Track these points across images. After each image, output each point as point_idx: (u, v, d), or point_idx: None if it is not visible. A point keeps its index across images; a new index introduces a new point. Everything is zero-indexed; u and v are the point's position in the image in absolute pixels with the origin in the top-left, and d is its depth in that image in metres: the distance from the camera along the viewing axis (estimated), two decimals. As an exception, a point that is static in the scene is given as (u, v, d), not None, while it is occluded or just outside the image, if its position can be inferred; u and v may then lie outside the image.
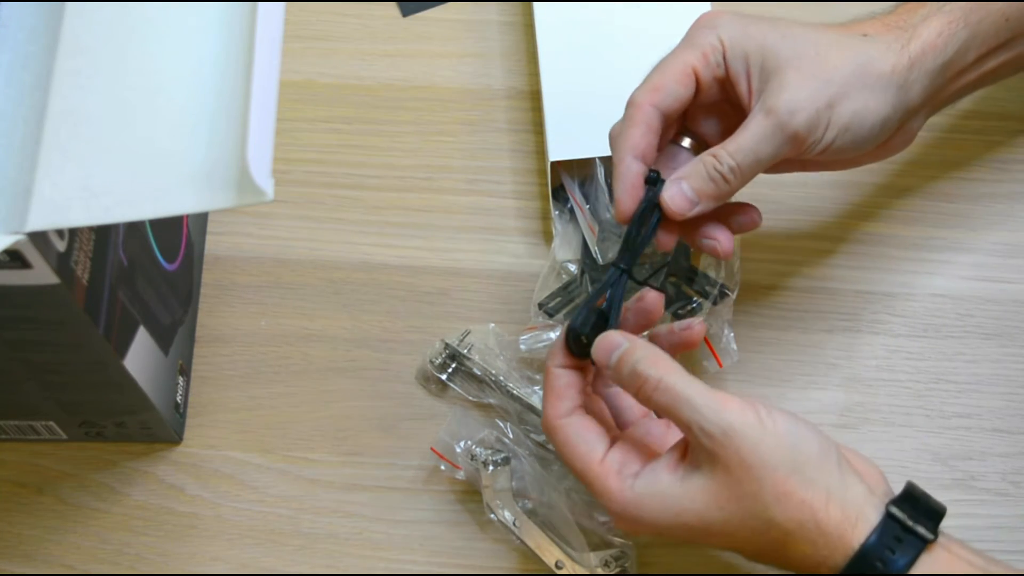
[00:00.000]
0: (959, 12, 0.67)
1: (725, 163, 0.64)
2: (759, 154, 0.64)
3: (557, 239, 0.80)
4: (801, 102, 0.63)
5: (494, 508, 0.73)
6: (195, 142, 0.52)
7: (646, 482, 0.61)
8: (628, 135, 0.65)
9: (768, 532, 0.58)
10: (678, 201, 0.65)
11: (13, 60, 0.55)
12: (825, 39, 0.65)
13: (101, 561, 0.74)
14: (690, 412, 0.59)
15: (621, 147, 0.65)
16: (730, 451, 0.58)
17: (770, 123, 0.63)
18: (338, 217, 0.83)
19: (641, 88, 0.66)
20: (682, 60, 0.65)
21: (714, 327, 0.76)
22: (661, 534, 0.61)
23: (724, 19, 0.66)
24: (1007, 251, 0.81)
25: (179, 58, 0.54)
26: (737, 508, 0.58)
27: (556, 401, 0.64)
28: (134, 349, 0.67)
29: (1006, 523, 0.74)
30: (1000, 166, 0.84)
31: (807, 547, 0.58)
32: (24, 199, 0.52)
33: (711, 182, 0.64)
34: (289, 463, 0.76)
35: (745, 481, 0.58)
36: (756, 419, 0.59)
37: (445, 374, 0.77)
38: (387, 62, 0.88)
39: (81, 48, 0.55)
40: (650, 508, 0.60)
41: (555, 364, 0.65)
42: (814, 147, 0.65)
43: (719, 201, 0.66)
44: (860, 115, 0.65)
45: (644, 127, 0.65)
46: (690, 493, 0.59)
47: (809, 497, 0.58)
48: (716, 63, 0.65)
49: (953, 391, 0.78)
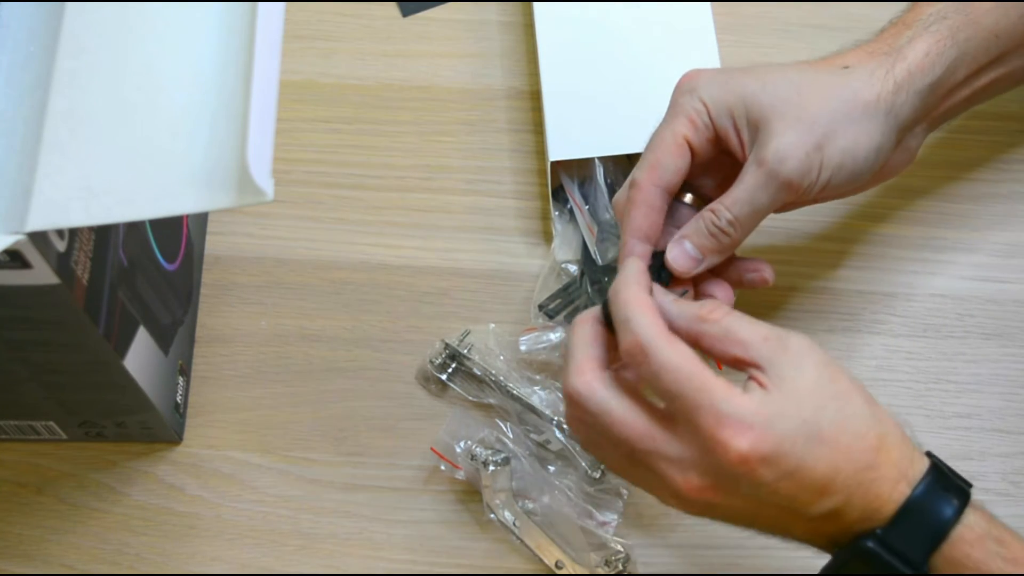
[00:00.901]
0: (946, 31, 0.67)
1: (723, 217, 0.65)
2: (756, 205, 0.65)
3: (557, 239, 0.80)
4: (789, 149, 0.64)
5: (494, 508, 0.73)
6: (195, 142, 0.52)
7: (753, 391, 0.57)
8: (632, 218, 0.66)
9: (867, 435, 0.58)
10: (682, 261, 0.66)
11: (13, 60, 0.55)
12: (805, 80, 0.66)
13: (101, 561, 0.74)
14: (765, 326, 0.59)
15: (627, 230, 0.67)
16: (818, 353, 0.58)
17: (762, 173, 0.64)
18: (338, 217, 0.83)
19: (640, 167, 0.67)
20: (672, 132, 0.66)
21: (714, 327, 0.76)
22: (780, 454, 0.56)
23: (702, 79, 0.67)
24: (1008, 251, 0.81)
25: (179, 58, 0.54)
26: (838, 406, 0.57)
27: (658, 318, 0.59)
28: (134, 349, 0.67)
29: (1006, 523, 0.74)
30: (1001, 166, 0.84)
31: (897, 452, 0.58)
32: (24, 199, 0.52)
33: (712, 237, 0.66)
34: (289, 463, 0.76)
35: (839, 380, 0.58)
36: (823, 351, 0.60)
37: (445, 374, 0.77)
38: (387, 62, 0.88)
39: (81, 48, 0.55)
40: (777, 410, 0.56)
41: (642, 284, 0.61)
42: (811, 190, 0.66)
43: (723, 255, 0.67)
44: (851, 151, 0.65)
45: (646, 208, 0.66)
46: (792, 396, 0.57)
47: (886, 414, 0.59)
48: (704, 125, 0.66)
49: (953, 391, 0.78)
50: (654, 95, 0.71)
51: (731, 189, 0.66)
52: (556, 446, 0.74)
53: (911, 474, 0.58)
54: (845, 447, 0.57)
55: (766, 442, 0.56)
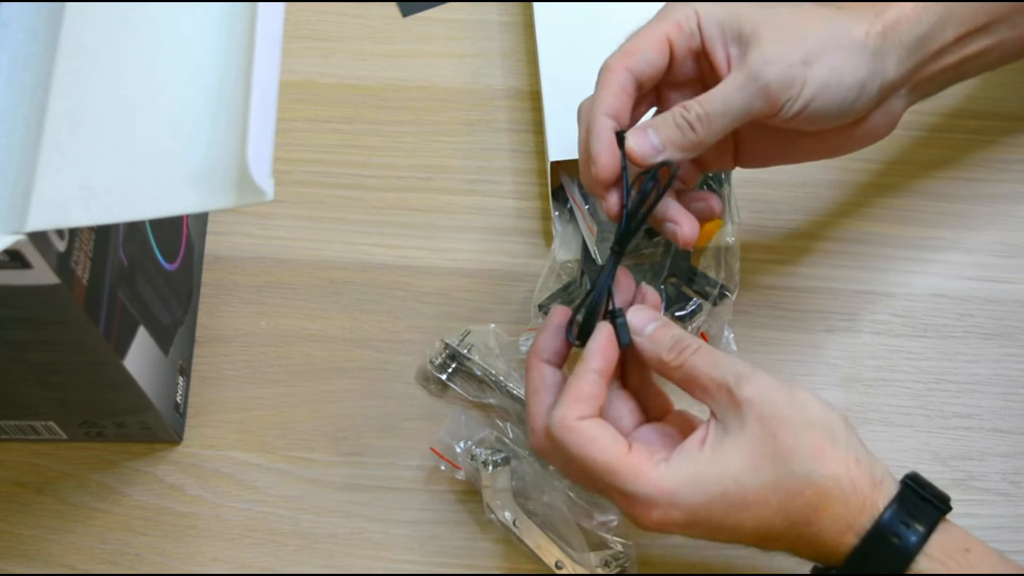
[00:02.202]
0: None
1: (693, 111, 0.63)
2: (729, 104, 0.63)
3: (557, 239, 0.80)
4: (774, 55, 0.63)
5: (494, 508, 0.73)
6: (195, 142, 0.52)
7: (679, 459, 0.59)
8: (602, 97, 0.64)
9: (803, 493, 0.58)
10: (644, 147, 0.63)
11: (13, 60, 0.55)
12: (799, 8, 0.65)
13: (101, 561, 0.74)
14: (726, 369, 0.59)
15: (595, 108, 0.64)
16: (766, 405, 0.58)
17: (742, 75, 0.63)
18: (338, 217, 0.83)
19: (614, 54, 0.65)
20: (656, 28, 0.65)
21: (714, 328, 0.76)
22: (693, 521, 0.59)
23: None
24: (1007, 251, 0.81)
25: (179, 58, 0.54)
26: (772, 466, 0.58)
27: (577, 405, 0.61)
28: (134, 349, 0.67)
29: (1006, 523, 0.74)
30: (1000, 166, 0.84)
31: (839, 507, 0.58)
32: (24, 199, 0.52)
33: (677, 129, 0.63)
34: (289, 463, 0.76)
35: (780, 436, 0.58)
36: (786, 387, 0.59)
37: (445, 374, 0.78)
38: (387, 62, 0.88)
39: (81, 48, 0.55)
40: (688, 484, 0.58)
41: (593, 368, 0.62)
42: (791, 106, 0.64)
43: (686, 152, 0.64)
44: (837, 72, 0.64)
45: (618, 88, 0.64)
46: (724, 456, 0.58)
47: (843, 455, 0.58)
48: (690, 32, 0.65)
49: (953, 391, 0.78)
50: (654, 95, 0.71)
51: (708, 91, 0.64)
52: (556, 446, 0.75)
53: (860, 523, 0.58)
54: (776, 506, 0.58)
55: (676, 514, 0.58)
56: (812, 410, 0.59)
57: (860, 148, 0.70)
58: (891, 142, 0.82)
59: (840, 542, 0.58)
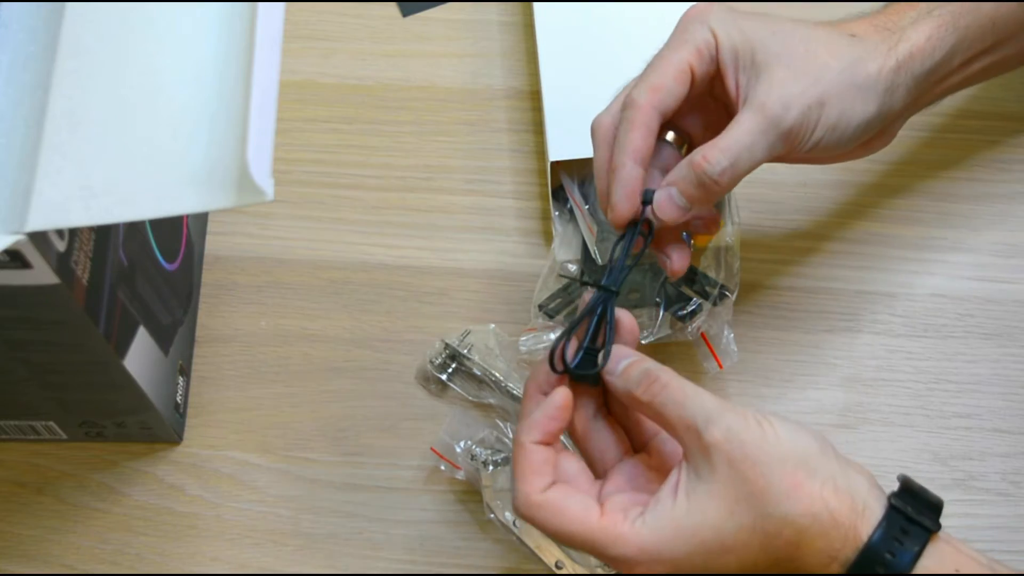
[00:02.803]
0: (948, 16, 0.67)
1: (718, 166, 0.62)
2: (753, 152, 0.63)
3: (557, 239, 0.80)
4: (793, 98, 0.63)
5: (494, 508, 0.73)
6: (195, 142, 0.52)
7: (654, 515, 0.58)
8: (631, 139, 0.63)
9: (782, 532, 0.57)
10: (668, 210, 0.64)
11: (13, 60, 0.55)
12: (814, 37, 0.65)
13: (101, 561, 0.74)
14: (695, 409, 0.58)
15: (622, 150, 0.63)
16: (734, 446, 0.57)
17: (763, 119, 0.63)
18: (338, 217, 0.83)
19: (640, 87, 0.64)
20: (678, 57, 0.64)
21: (714, 328, 0.76)
22: (678, 570, 0.58)
23: (715, 12, 0.65)
24: (1007, 251, 0.81)
25: (179, 58, 0.54)
26: (748, 509, 0.57)
27: (534, 478, 0.59)
28: (134, 349, 0.67)
29: (1006, 523, 0.74)
30: (1001, 166, 0.84)
31: (821, 542, 0.57)
32: (24, 199, 0.52)
33: (702, 187, 0.63)
34: (289, 463, 0.76)
35: (752, 478, 0.56)
36: (755, 423, 0.58)
37: (445, 374, 0.77)
38: (387, 62, 0.88)
39: (81, 48, 0.55)
40: (665, 539, 0.57)
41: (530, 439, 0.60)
42: (802, 145, 0.64)
43: (709, 205, 0.65)
44: (847, 115, 0.64)
45: (645, 130, 0.63)
46: (699, 505, 0.57)
47: (818, 488, 0.57)
48: (710, 58, 0.64)
49: (953, 391, 0.78)
50: (654, 95, 0.71)
51: (725, 134, 0.63)
52: (556, 446, 0.74)
53: (844, 555, 0.57)
54: (757, 548, 0.57)
55: (659, 568, 0.57)
56: (784, 443, 0.57)
57: (854, 159, 0.70)
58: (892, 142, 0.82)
59: (827, 570, 0.57)
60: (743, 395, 0.77)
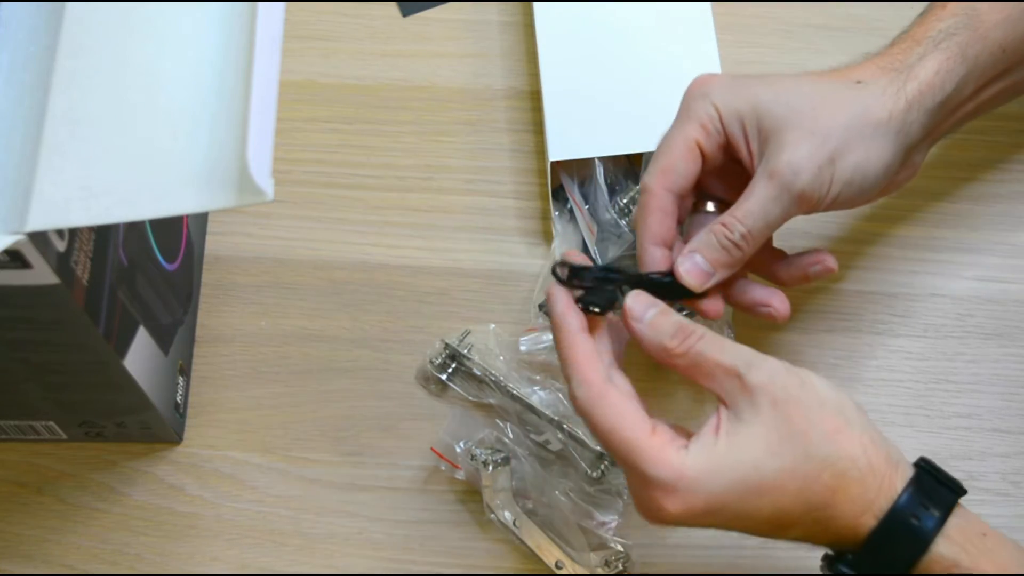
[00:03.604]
0: (956, 48, 0.67)
1: (736, 231, 0.64)
2: (768, 218, 0.65)
3: (557, 239, 0.80)
4: (802, 161, 0.64)
5: (494, 508, 0.73)
6: (195, 142, 0.52)
7: (697, 448, 0.58)
8: (647, 224, 0.66)
9: (821, 476, 0.57)
10: (694, 275, 0.65)
11: (13, 60, 0.55)
12: (818, 91, 0.65)
13: (101, 561, 0.74)
14: (735, 356, 0.59)
15: (642, 236, 0.66)
16: (777, 387, 0.58)
17: (775, 186, 0.64)
18: (338, 217, 0.83)
19: (651, 172, 0.66)
20: (683, 136, 0.66)
21: (714, 327, 0.76)
22: (710, 509, 0.58)
23: (715, 84, 0.66)
24: (1008, 251, 0.81)
25: (179, 58, 0.54)
26: (790, 449, 0.57)
27: (594, 367, 0.60)
28: (134, 349, 0.67)
29: (1006, 523, 0.74)
30: (1001, 166, 0.84)
31: (857, 488, 0.58)
32: (24, 199, 0.52)
33: (723, 251, 0.65)
34: (289, 463, 0.76)
35: (795, 418, 0.57)
36: (795, 374, 0.59)
37: (445, 374, 0.77)
38: (387, 62, 0.88)
39: (81, 48, 0.55)
40: (707, 471, 0.57)
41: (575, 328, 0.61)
42: (820, 203, 0.65)
43: (733, 269, 0.66)
44: (862, 167, 0.65)
45: (660, 213, 0.66)
46: (741, 445, 0.58)
47: (858, 436, 0.58)
48: (716, 131, 0.66)
49: (953, 391, 0.78)
50: (654, 95, 0.71)
51: (741, 201, 0.65)
52: (556, 446, 0.74)
53: (878, 504, 0.58)
54: (794, 492, 0.58)
55: (694, 502, 0.57)
56: (823, 393, 0.59)
57: (883, 198, 0.71)
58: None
59: (858, 524, 0.58)
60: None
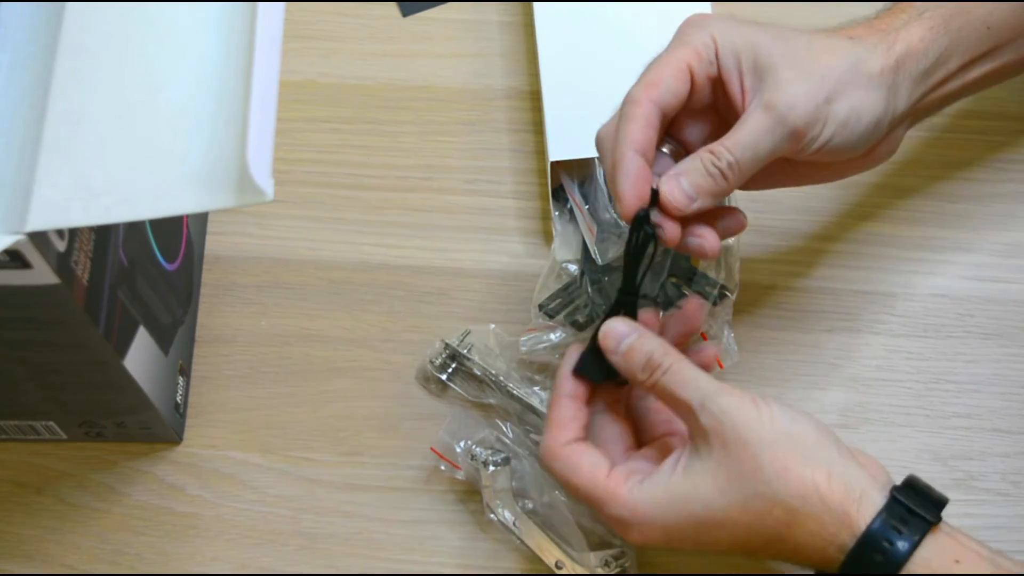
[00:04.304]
0: (939, 19, 0.67)
1: (724, 159, 0.63)
2: (758, 149, 0.63)
3: (557, 239, 0.80)
4: (799, 97, 0.63)
5: (494, 508, 0.73)
6: (195, 142, 0.52)
7: (652, 481, 0.62)
8: (629, 131, 0.63)
9: (772, 512, 0.58)
10: (676, 196, 0.63)
11: (13, 60, 0.55)
12: (814, 40, 0.65)
13: (101, 561, 0.74)
14: (692, 392, 0.61)
15: (622, 142, 0.64)
16: (727, 428, 0.59)
17: (769, 118, 0.63)
18: (338, 217, 0.83)
19: (638, 85, 0.65)
20: (677, 57, 0.65)
21: (714, 327, 0.76)
22: (670, 538, 0.62)
23: (713, 19, 0.66)
24: (1007, 251, 0.81)
25: (179, 58, 0.54)
26: (738, 488, 0.59)
27: (559, 431, 0.65)
28: (134, 349, 0.67)
29: (1006, 523, 0.74)
30: (1001, 166, 0.84)
31: (812, 524, 0.58)
32: (24, 199, 0.52)
33: (709, 178, 0.64)
34: (289, 463, 0.76)
35: (743, 458, 0.59)
36: (752, 405, 0.60)
37: (445, 374, 0.77)
38: (387, 62, 0.88)
39: (81, 48, 0.55)
40: (658, 505, 0.61)
41: (564, 393, 0.66)
42: (812, 144, 0.64)
43: (716, 199, 0.65)
44: (857, 111, 0.64)
45: (644, 122, 0.64)
46: (692, 480, 0.60)
47: (810, 472, 0.59)
48: (709, 61, 0.65)
49: (953, 391, 0.78)
50: (654, 95, 0.71)
51: (733, 131, 0.64)
52: (556, 446, 0.74)
53: (840, 539, 0.58)
54: (745, 526, 0.60)
55: (651, 533, 0.62)
56: (778, 427, 0.60)
57: (859, 172, 0.71)
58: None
59: (826, 555, 0.59)
60: (743, 395, 0.77)
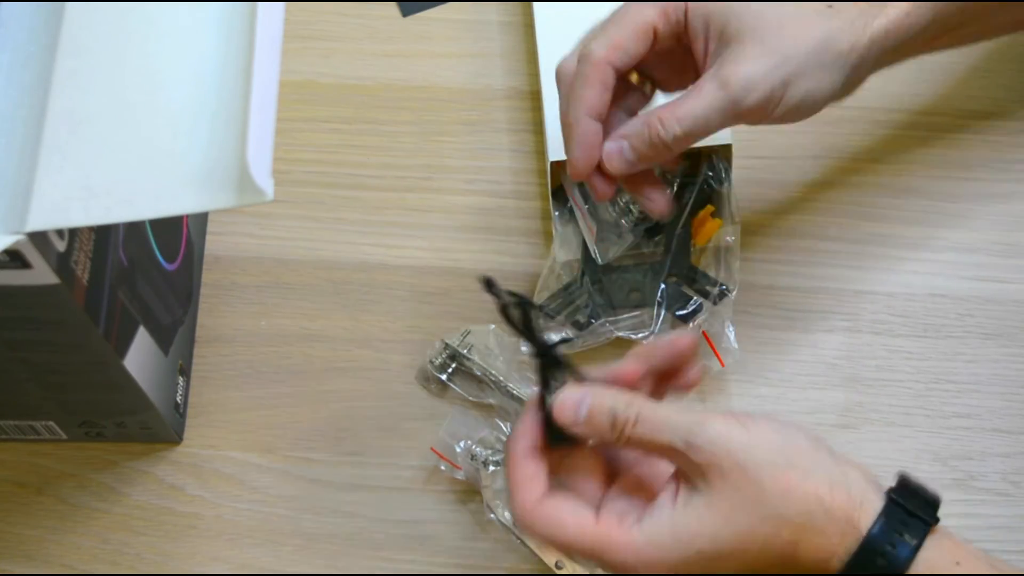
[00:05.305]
0: None
1: (671, 131, 0.64)
2: (708, 124, 0.64)
3: (557, 239, 0.80)
4: (757, 78, 0.63)
5: (494, 508, 0.73)
6: (195, 142, 0.52)
7: (651, 521, 0.57)
8: (585, 95, 0.65)
9: (780, 534, 0.57)
10: (616, 160, 0.66)
11: (13, 60, 0.55)
12: (788, 9, 0.64)
13: (101, 561, 0.74)
14: (672, 433, 0.57)
15: (576, 105, 0.65)
16: (722, 458, 0.56)
17: (724, 96, 0.63)
18: (338, 217, 0.83)
19: (599, 41, 0.65)
20: (642, 16, 0.64)
21: (715, 326, 0.76)
22: (680, 572, 0.57)
23: None
24: (1007, 251, 0.81)
25: (179, 58, 0.54)
26: (744, 516, 0.56)
27: (526, 492, 0.59)
28: (134, 349, 0.67)
29: (1006, 523, 0.74)
30: (1001, 166, 0.84)
31: (819, 538, 0.57)
32: (24, 199, 0.52)
33: (651, 147, 0.64)
34: (289, 463, 0.76)
35: (744, 485, 0.56)
36: (739, 426, 0.57)
37: (445, 374, 0.77)
38: (387, 62, 0.88)
39: (81, 48, 0.55)
40: (663, 546, 0.57)
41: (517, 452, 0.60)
42: (761, 121, 0.65)
43: (656, 163, 0.67)
44: (812, 93, 0.64)
45: (600, 87, 0.64)
46: (695, 515, 0.57)
47: (812, 487, 0.57)
48: (676, 20, 0.65)
49: (953, 391, 0.78)
50: (654, 95, 0.71)
51: (684, 100, 0.64)
52: (556, 446, 0.74)
53: (843, 548, 0.57)
54: (756, 552, 0.57)
55: (658, 571, 0.57)
56: (772, 445, 0.57)
57: None
58: (891, 141, 0.82)
59: (828, 566, 0.57)
60: (743, 395, 0.77)
